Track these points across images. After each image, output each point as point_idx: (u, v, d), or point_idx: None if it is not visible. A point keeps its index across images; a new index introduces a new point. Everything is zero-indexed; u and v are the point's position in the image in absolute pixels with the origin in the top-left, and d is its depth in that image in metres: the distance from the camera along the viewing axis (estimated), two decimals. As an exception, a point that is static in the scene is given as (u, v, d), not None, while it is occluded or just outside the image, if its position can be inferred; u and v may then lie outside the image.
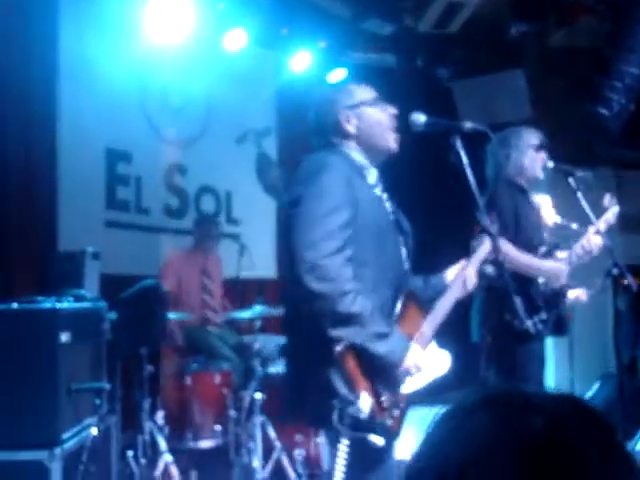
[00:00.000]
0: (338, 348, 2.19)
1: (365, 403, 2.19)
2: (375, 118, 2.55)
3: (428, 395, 2.50)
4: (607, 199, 3.96)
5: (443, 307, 2.56)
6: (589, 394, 6.68)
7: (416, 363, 2.32)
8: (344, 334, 2.20)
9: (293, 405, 2.46)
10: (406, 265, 2.57)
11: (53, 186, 5.38)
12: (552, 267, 3.61)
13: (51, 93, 5.47)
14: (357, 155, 2.54)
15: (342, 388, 2.19)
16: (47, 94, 5.43)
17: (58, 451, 3.16)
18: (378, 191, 2.54)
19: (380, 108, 2.56)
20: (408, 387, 2.38)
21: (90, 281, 4.68)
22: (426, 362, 2.38)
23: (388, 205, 2.58)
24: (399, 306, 2.44)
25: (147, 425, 4.28)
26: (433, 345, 2.55)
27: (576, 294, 5.13)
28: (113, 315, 4.15)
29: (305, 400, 2.39)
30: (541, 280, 3.62)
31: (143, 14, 5.78)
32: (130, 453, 4.23)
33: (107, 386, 3.78)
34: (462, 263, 2.68)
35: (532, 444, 0.73)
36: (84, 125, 5.63)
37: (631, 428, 4.79)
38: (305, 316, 2.30)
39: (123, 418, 4.36)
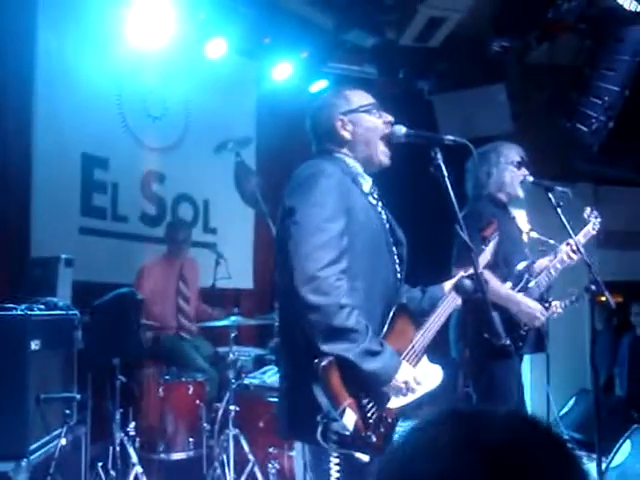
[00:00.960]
0: (323, 363, 2.15)
1: (349, 419, 2.15)
2: (371, 124, 2.53)
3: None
4: (587, 211, 3.98)
5: (436, 320, 2.52)
6: (565, 410, 6.69)
7: (407, 381, 2.28)
8: (336, 349, 2.16)
9: (283, 420, 2.40)
10: (399, 277, 2.53)
11: (27, 191, 5.29)
12: (530, 309, 3.53)
13: (28, 96, 5.39)
14: (352, 162, 2.51)
15: (326, 404, 2.14)
16: (23, 97, 5.36)
17: (24, 463, 3.09)
18: (372, 199, 2.51)
19: (376, 115, 2.54)
20: (398, 402, 2.34)
21: (63, 288, 4.59)
22: (417, 378, 2.33)
23: (383, 214, 2.54)
24: (389, 319, 2.39)
25: (118, 436, 4.20)
26: (425, 359, 2.50)
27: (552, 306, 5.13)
28: (86, 323, 4.09)
29: (293, 415, 2.35)
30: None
31: (124, 19, 5.74)
32: (100, 464, 4.14)
33: (77, 396, 3.72)
34: (460, 275, 2.65)
35: (494, 458, 0.79)
36: (61, 129, 5.57)
37: (606, 445, 4.79)
38: (295, 329, 2.27)
39: (94, 428, 4.28)
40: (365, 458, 2.18)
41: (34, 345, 3.29)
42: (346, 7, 6.45)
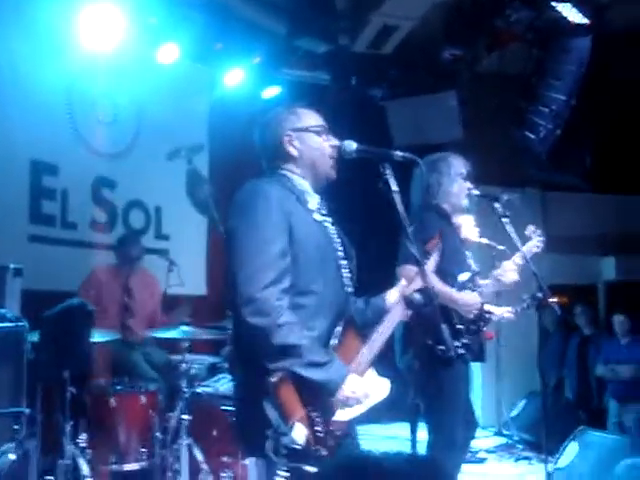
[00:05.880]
0: (273, 379, 2.18)
1: (299, 434, 2.18)
2: (318, 145, 2.55)
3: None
4: (530, 229, 4.07)
5: (382, 333, 2.54)
6: (515, 412, 6.81)
7: (354, 392, 2.31)
8: (280, 366, 2.20)
9: (236, 434, 2.46)
10: (348, 290, 2.56)
11: (-26, 198, 5.19)
12: (467, 300, 3.64)
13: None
14: (298, 179, 2.53)
15: (275, 418, 2.17)
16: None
17: (-30, 481, 3.03)
18: (318, 216, 2.52)
19: (324, 137, 2.56)
20: (346, 414, 2.36)
21: (11, 298, 4.51)
22: (364, 390, 2.36)
23: (332, 229, 2.56)
24: (339, 333, 2.42)
25: (69, 449, 4.13)
26: (371, 372, 2.52)
27: (502, 311, 5.23)
28: (35, 335, 4.02)
29: (243, 429, 2.39)
30: None
31: (74, 23, 5.66)
32: (50, 478, 4.07)
33: (26, 410, 3.65)
34: (402, 285, 2.67)
35: None
36: (8, 135, 5.47)
37: (556, 446, 4.90)
38: (244, 346, 2.31)
39: (44, 441, 4.21)
40: (313, 470, 2.20)
41: (-19, 360, 3.23)
42: (299, 13, 6.47)
